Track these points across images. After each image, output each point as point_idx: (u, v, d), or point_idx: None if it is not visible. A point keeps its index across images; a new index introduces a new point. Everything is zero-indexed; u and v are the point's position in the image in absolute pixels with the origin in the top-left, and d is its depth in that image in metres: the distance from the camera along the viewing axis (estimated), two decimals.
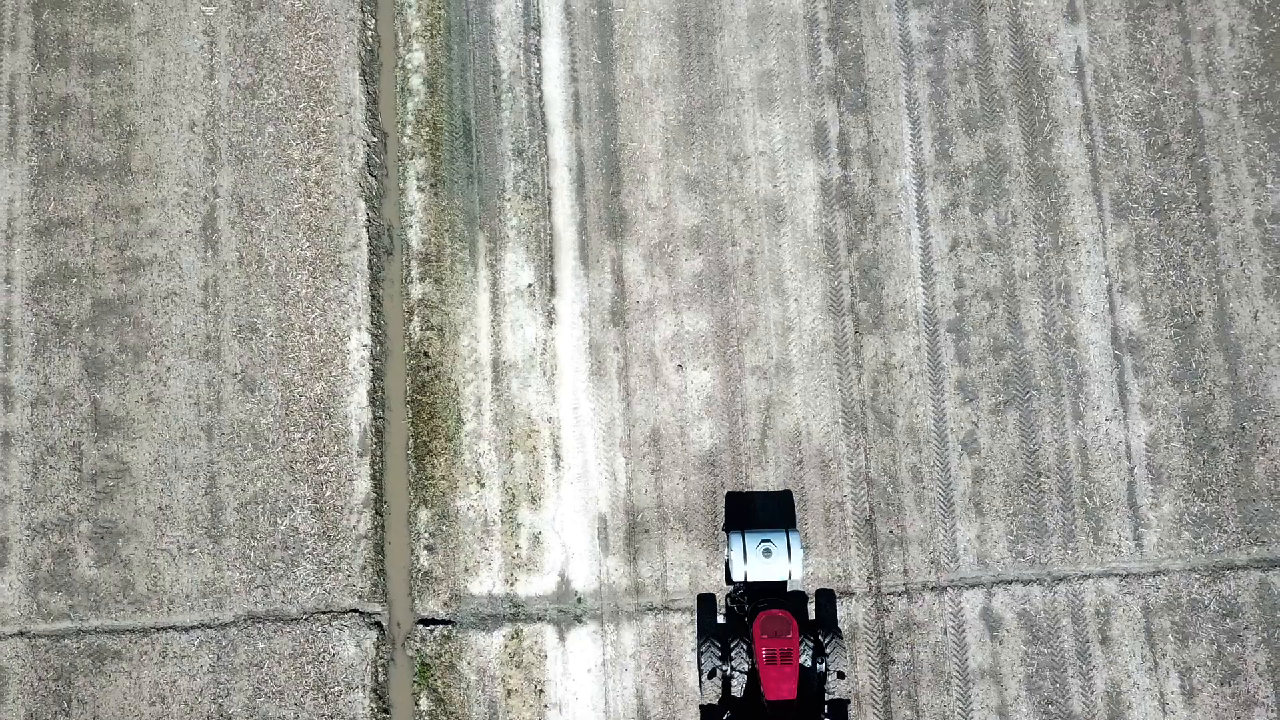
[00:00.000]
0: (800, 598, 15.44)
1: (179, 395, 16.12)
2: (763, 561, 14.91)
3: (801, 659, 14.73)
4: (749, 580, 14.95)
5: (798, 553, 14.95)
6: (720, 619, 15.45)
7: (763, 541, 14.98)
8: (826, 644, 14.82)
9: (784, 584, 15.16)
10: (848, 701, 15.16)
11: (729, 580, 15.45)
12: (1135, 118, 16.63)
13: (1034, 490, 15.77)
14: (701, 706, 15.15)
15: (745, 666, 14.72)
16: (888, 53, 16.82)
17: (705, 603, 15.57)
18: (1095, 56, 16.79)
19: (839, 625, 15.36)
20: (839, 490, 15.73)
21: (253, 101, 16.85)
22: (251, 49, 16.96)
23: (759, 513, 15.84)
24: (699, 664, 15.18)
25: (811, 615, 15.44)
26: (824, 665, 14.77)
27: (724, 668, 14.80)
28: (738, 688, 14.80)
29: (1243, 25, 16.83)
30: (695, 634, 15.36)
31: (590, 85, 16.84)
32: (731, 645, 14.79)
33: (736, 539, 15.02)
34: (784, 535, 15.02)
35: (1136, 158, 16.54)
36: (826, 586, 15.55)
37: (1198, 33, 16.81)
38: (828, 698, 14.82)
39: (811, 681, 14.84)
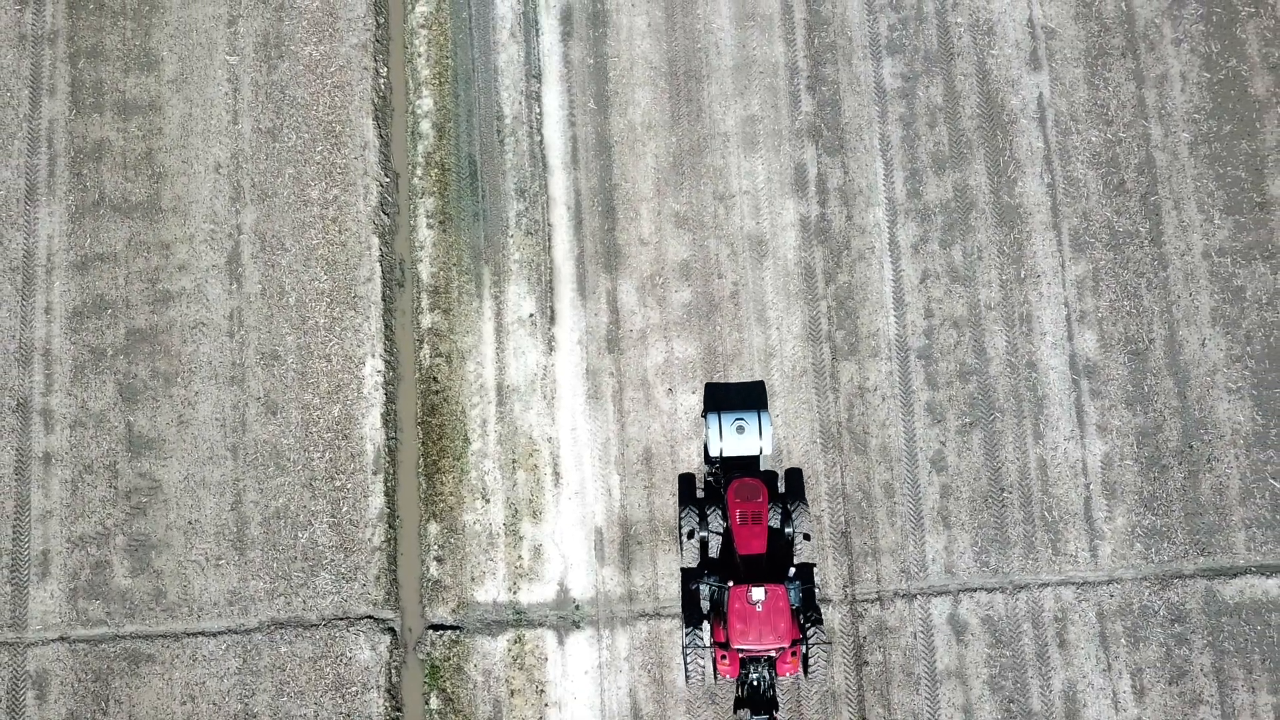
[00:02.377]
0: (771, 475, 16.72)
1: (207, 418, 17.20)
2: (737, 438, 16.35)
3: (770, 522, 16.18)
4: (724, 455, 16.43)
5: (768, 430, 16.35)
6: (699, 493, 16.77)
7: (736, 420, 16.39)
8: (793, 510, 16.25)
9: (756, 460, 16.64)
10: (813, 565, 16.47)
11: (707, 459, 16.76)
12: (1093, 158, 17.74)
13: (997, 505, 16.86)
14: (683, 570, 16.40)
15: (720, 528, 16.13)
16: (863, 98, 17.94)
17: (686, 480, 16.86)
18: (1056, 101, 17.91)
19: (805, 497, 16.66)
20: (817, 505, 16.81)
21: (274, 144, 17.94)
22: (272, 96, 18.05)
23: (734, 398, 17.11)
24: (679, 530, 16.51)
25: (781, 490, 16.74)
26: (791, 529, 16.16)
27: (701, 531, 16.21)
28: (714, 551, 16.23)
29: (1193, 72, 17.93)
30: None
31: (587, 129, 17.93)
32: (708, 511, 16.18)
33: (713, 419, 16.42)
34: (756, 415, 16.40)
35: (1094, 196, 17.65)
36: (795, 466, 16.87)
37: (1151, 79, 17.93)
38: (795, 561, 16.20)
39: (779, 542, 16.21)
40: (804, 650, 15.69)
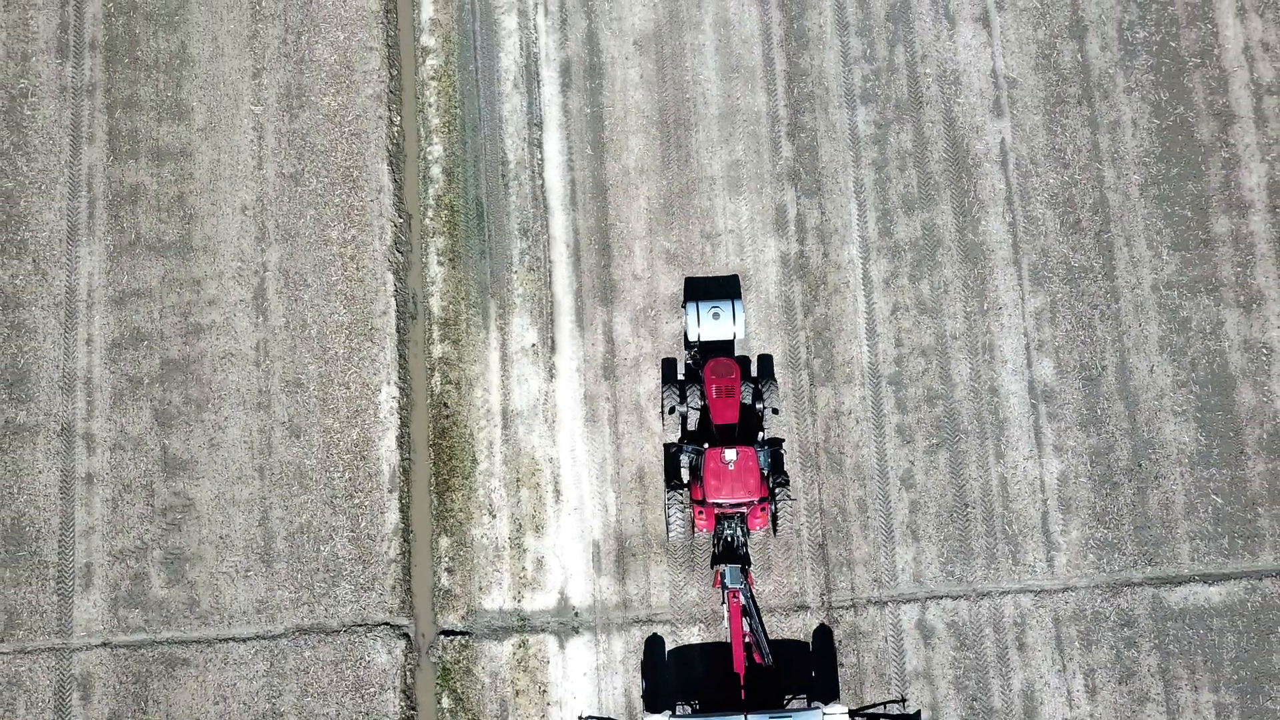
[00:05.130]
0: (745, 360, 18.34)
1: (236, 441, 18.41)
2: (712, 323, 17.94)
3: (743, 398, 17.68)
4: (701, 340, 18.03)
5: (740, 316, 17.98)
6: (680, 377, 18.32)
7: (712, 308, 17.98)
8: (764, 388, 17.78)
9: (731, 344, 18.20)
10: (782, 440, 18.04)
11: (687, 345, 18.25)
12: (1051, 199, 19.00)
13: (962, 519, 18.09)
14: (665, 445, 17.86)
15: (698, 404, 17.65)
16: (839, 144, 19.19)
17: (668, 364, 18.38)
18: (1017, 146, 19.17)
19: (775, 377, 18.18)
20: (796, 520, 18.05)
21: (296, 188, 19.15)
22: (294, 143, 19.26)
23: (711, 289, 18.64)
24: (661, 405, 18.04)
25: (754, 373, 18.24)
26: (762, 405, 17.65)
27: (681, 407, 17.72)
28: (693, 424, 17.71)
29: (1144, 119, 19.22)
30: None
31: (584, 173, 19.17)
32: (688, 389, 17.66)
33: (691, 307, 18.01)
34: (730, 303, 17.94)
35: (1051, 234, 18.91)
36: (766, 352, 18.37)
37: (1105, 125, 19.22)
38: (766, 435, 17.78)
39: (752, 417, 17.72)
40: (772, 508, 17.06)
